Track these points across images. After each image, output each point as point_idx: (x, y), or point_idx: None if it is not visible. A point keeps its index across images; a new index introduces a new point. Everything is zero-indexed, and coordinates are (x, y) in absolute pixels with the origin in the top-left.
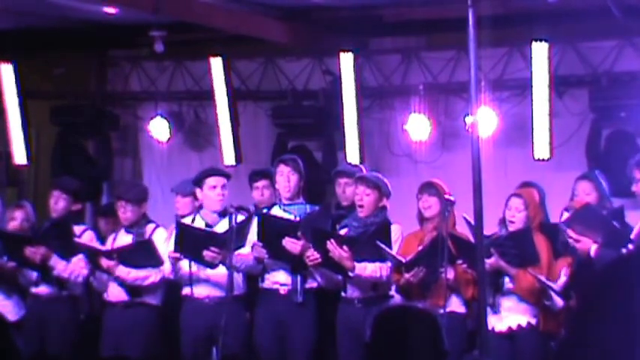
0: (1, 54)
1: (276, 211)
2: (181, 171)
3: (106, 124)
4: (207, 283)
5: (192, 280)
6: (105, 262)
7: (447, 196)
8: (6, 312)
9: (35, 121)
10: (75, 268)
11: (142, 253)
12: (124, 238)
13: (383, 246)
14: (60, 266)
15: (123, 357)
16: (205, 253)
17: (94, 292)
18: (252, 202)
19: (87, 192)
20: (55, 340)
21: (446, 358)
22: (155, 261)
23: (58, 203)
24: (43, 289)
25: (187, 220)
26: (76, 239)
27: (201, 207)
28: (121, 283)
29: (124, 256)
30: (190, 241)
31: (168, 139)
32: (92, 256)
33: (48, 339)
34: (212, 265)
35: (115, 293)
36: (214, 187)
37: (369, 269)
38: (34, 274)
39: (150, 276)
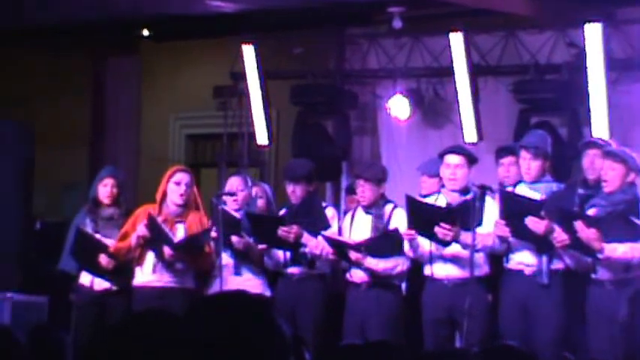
0: (243, 35)
1: (522, 189)
2: (420, 150)
3: (344, 103)
4: (447, 262)
5: (431, 260)
6: (354, 255)
7: None
8: (257, 291)
9: (275, 101)
10: (325, 245)
11: (389, 243)
12: (363, 218)
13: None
14: (312, 243)
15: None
16: (436, 229)
17: (339, 271)
18: (496, 179)
19: (327, 172)
20: (304, 320)
21: None
22: (401, 249)
23: (295, 192)
24: (294, 270)
25: (431, 200)
26: (323, 233)
27: (443, 185)
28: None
29: (372, 247)
30: (421, 217)
31: (408, 117)
32: (340, 248)
33: (298, 319)
34: (444, 243)
35: (358, 274)
36: (448, 165)
37: (619, 250)
38: (282, 256)
39: (397, 265)
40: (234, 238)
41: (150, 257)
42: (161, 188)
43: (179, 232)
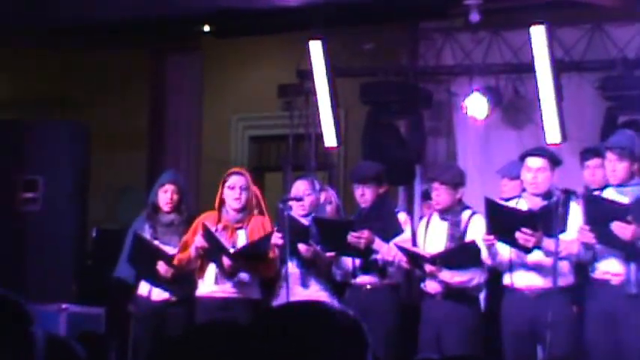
0: (310, 30)
1: (609, 192)
2: (498, 152)
3: (418, 101)
4: (529, 271)
5: (511, 268)
6: (428, 268)
7: None
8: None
9: (344, 100)
10: (398, 251)
11: (466, 256)
12: (438, 224)
13: None
14: (384, 249)
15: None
16: (517, 234)
17: (414, 280)
18: (581, 183)
19: (399, 175)
20: (376, 332)
21: None
22: (479, 261)
23: (364, 195)
24: (364, 279)
25: (511, 204)
26: (396, 241)
27: (525, 189)
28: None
29: (448, 259)
30: (501, 222)
31: (485, 116)
32: (413, 258)
33: (369, 332)
34: (526, 249)
35: (432, 285)
36: (529, 168)
37: None
38: (351, 266)
39: (473, 278)
40: (301, 247)
41: (211, 268)
42: (218, 194)
43: (240, 239)
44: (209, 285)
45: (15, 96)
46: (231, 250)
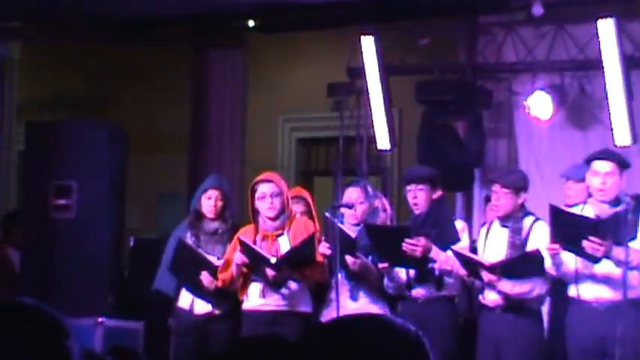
0: (361, 25)
1: None
2: (563, 153)
3: (477, 101)
4: (596, 282)
5: (577, 279)
6: (487, 276)
7: None
8: None
9: (398, 99)
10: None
11: (528, 265)
12: (499, 231)
13: None
14: (441, 257)
15: None
16: (585, 243)
17: (474, 292)
18: None
19: (457, 180)
20: (432, 348)
21: None
22: (542, 271)
23: (417, 197)
24: (419, 291)
25: (576, 210)
26: (453, 248)
27: (590, 195)
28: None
29: (508, 269)
30: (567, 230)
31: (549, 116)
32: (472, 266)
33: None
34: (594, 259)
35: (491, 297)
36: (596, 173)
37: None
38: (405, 277)
39: (534, 289)
40: (348, 259)
41: (254, 284)
42: (249, 205)
43: (283, 246)
44: (255, 299)
45: (46, 95)
46: (273, 260)
